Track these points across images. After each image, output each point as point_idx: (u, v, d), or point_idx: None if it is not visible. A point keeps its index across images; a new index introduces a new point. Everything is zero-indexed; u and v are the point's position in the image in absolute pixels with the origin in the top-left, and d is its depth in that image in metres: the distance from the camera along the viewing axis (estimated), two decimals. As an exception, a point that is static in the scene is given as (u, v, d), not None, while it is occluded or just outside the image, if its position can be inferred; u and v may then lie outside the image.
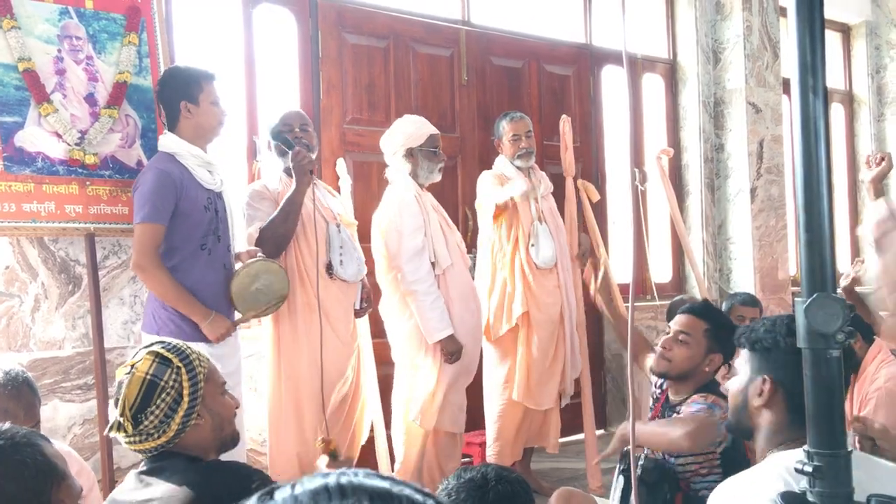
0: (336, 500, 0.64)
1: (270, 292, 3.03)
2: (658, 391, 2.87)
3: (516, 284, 3.97)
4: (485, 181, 4.08)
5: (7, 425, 1.38)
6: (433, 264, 3.54)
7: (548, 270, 4.00)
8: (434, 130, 3.72)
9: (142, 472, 1.71)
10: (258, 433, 3.63)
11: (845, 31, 7.24)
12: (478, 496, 1.70)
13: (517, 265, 3.98)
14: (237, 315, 3.03)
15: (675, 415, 2.63)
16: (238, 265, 3.06)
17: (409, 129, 3.68)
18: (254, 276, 3.00)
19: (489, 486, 1.71)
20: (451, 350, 3.51)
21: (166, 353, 1.72)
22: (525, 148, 4.04)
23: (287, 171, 3.29)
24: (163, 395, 1.67)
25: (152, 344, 1.77)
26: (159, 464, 1.71)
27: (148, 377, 1.68)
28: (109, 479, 3.04)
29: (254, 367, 3.64)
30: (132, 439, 1.69)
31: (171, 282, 2.83)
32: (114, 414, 1.73)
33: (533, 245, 3.96)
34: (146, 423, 1.67)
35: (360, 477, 0.67)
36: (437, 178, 3.72)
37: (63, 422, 3.20)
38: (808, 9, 1.12)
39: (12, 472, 1.29)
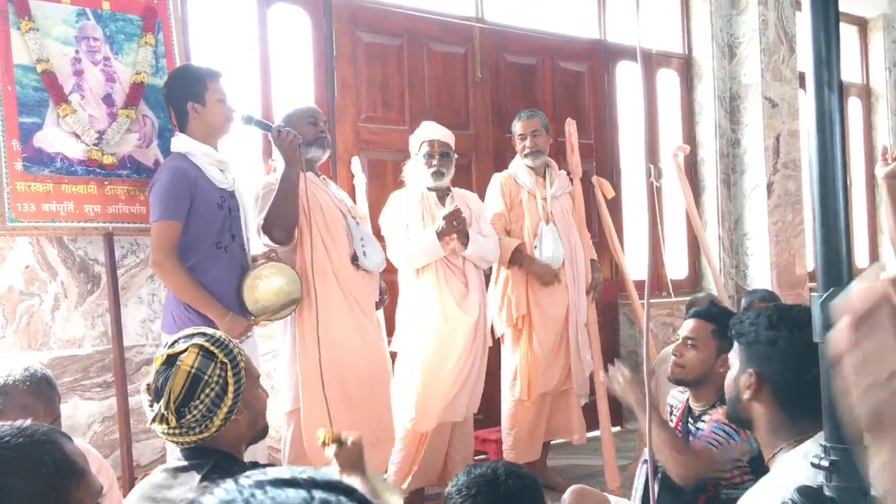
0: None
1: (281, 295, 3.02)
2: (677, 402, 2.81)
3: (519, 285, 3.98)
4: (489, 190, 4.14)
5: (28, 422, 1.37)
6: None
7: (555, 270, 4.00)
8: (427, 137, 3.73)
9: (180, 469, 1.71)
10: (275, 430, 3.65)
11: (862, 24, 7.18)
12: (488, 491, 1.71)
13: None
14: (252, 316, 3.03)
15: (698, 425, 2.59)
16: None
17: (413, 136, 3.80)
18: (265, 278, 2.99)
19: (500, 481, 1.71)
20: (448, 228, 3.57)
21: (211, 347, 1.70)
22: (530, 147, 4.04)
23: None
24: (206, 391, 1.67)
25: (194, 335, 1.75)
26: (198, 461, 1.70)
27: (193, 371, 1.67)
28: (129, 477, 3.07)
29: (270, 366, 3.67)
30: (173, 431, 1.68)
31: (188, 279, 2.85)
32: (146, 400, 1.73)
33: (536, 247, 3.96)
34: (189, 416, 1.66)
35: (273, 491, 0.61)
36: (431, 182, 3.71)
37: (83, 419, 3.23)
38: (823, 2, 1.12)
39: (30, 470, 1.28)
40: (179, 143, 2.97)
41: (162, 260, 2.83)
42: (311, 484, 0.62)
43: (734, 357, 1.74)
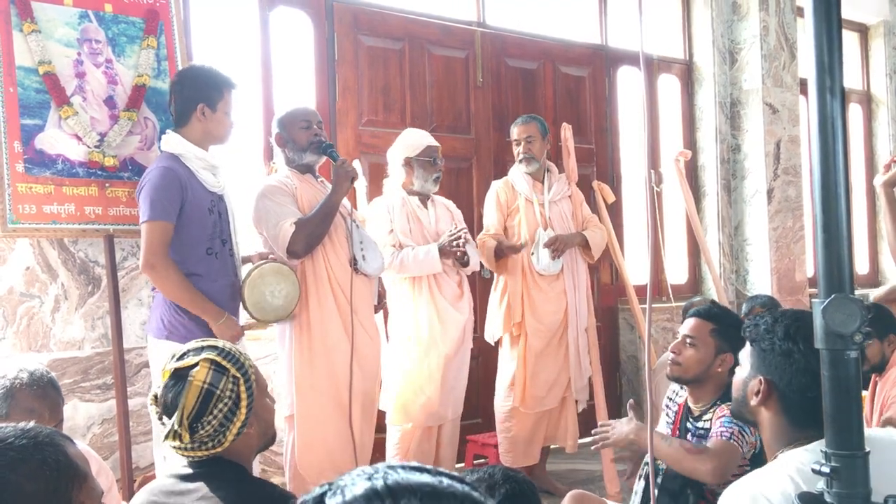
0: (389, 502, 0.65)
1: (281, 298, 3.01)
2: (675, 404, 2.81)
3: (516, 290, 3.98)
4: (486, 200, 4.16)
5: (31, 424, 1.38)
6: None
7: (553, 277, 4.00)
8: (429, 142, 3.76)
9: (188, 476, 1.70)
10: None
11: (863, 31, 7.19)
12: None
13: (519, 271, 3.99)
14: (243, 319, 3.00)
15: (699, 424, 2.58)
16: (248, 267, 3.04)
17: (409, 140, 3.79)
18: (266, 279, 2.97)
19: (497, 486, 1.71)
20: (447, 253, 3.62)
21: (222, 361, 1.70)
22: (523, 154, 4.05)
23: (299, 168, 3.31)
24: (219, 405, 1.66)
25: (203, 348, 1.73)
26: (206, 469, 1.70)
27: (205, 386, 1.66)
28: (128, 479, 3.07)
29: (270, 369, 3.66)
30: (186, 446, 1.68)
31: (182, 281, 2.78)
32: (154, 411, 1.73)
33: (533, 254, 3.97)
34: (202, 431, 1.66)
35: (405, 473, 0.68)
36: (432, 187, 3.76)
37: (82, 421, 3.23)
38: (826, 9, 1.12)
39: (33, 471, 1.27)
40: (171, 143, 2.90)
41: (154, 261, 2.75)
42: (439, 472, 0.70)
43: (745, 358, 1.73)
